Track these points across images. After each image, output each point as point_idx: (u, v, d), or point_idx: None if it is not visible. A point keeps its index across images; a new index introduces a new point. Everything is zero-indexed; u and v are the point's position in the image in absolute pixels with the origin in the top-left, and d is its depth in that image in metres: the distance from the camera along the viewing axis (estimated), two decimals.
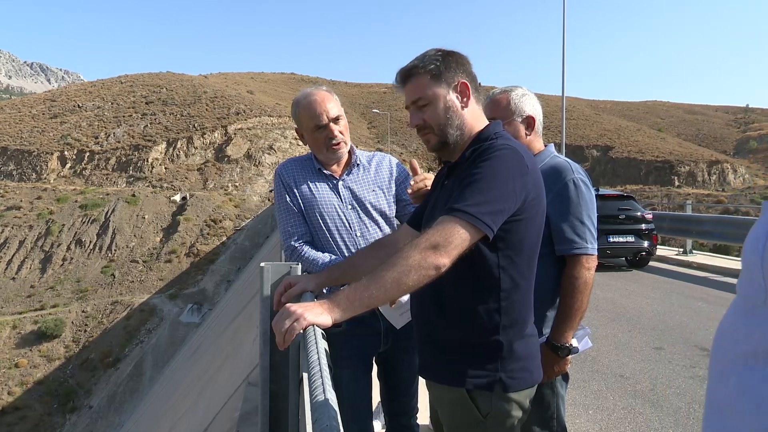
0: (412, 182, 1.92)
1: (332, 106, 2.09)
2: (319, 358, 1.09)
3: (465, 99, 1.56)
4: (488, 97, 2.17)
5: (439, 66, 1.55)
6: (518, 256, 1.46)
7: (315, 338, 1.20)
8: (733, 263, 10.86)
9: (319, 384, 0.98)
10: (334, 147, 2.10)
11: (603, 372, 4.86)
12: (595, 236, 2.01)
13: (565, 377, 2.10)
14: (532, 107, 2.14)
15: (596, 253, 1.99)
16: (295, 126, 2.21)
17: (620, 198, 11.06)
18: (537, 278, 1.55)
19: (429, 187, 1.87)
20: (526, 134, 2.12)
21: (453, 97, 1.56)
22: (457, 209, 1.34)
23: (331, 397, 0.94)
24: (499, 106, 2.11)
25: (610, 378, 4.71)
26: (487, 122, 1.62)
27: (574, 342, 1.97)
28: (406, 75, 1.59)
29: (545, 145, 2.19)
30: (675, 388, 4.46)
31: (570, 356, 1.97)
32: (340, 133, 2.10)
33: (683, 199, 23.42)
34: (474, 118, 1.58)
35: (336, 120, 2.09)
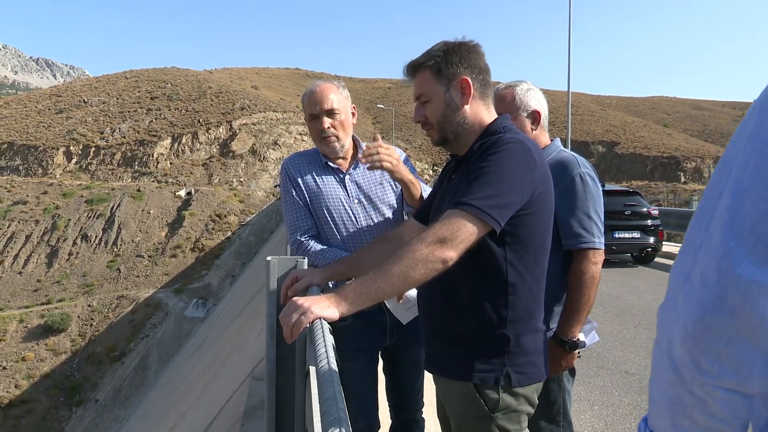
0: (365, 146, 1.90)
1: (332, 98, 2.05)
2: (326, 352, 1.09)
3: (466, 96, 1.55)
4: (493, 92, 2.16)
5: (440, 62, 1.54)
6: (526, 251, 1.45)
7: (322, 332, 1.20)
8: None
9: (328, 377, 0.97)
10: (324, 139, 2.07)
11: (608, 368, 4.85)
12: (602, 230, 2.00)
13: (572, 372, 2.09)
14: (538, 102, 2.12)
15: (603, 248, 1.99)
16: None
17: (626, 194, 11.01)
18: None
19: (382, 156, 1.83)
20: (532, 129, 2.11)
21: (453, 94, 1.54)
22: (465, 203, 1.34)
23: (339, 390, 0.94)
24: (504, 102, 2.09)
25: (615, 374, 4.70)
26: (496, 115, 1.60)
27: (581, 336, 1.97)
28: (411, 70, 1.60)
29: (551, 140, 2.18)
30: None
31: (577, 350, 1.97)
32: (332, 126, 2.05)
33: (689, 195, 23.29)
34: (477, 113, 1.57)
35: (330, 113, 2.05)
